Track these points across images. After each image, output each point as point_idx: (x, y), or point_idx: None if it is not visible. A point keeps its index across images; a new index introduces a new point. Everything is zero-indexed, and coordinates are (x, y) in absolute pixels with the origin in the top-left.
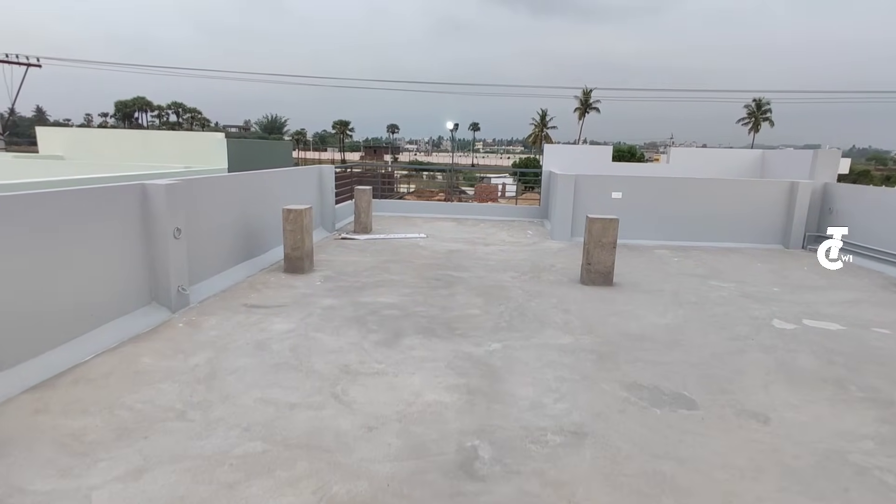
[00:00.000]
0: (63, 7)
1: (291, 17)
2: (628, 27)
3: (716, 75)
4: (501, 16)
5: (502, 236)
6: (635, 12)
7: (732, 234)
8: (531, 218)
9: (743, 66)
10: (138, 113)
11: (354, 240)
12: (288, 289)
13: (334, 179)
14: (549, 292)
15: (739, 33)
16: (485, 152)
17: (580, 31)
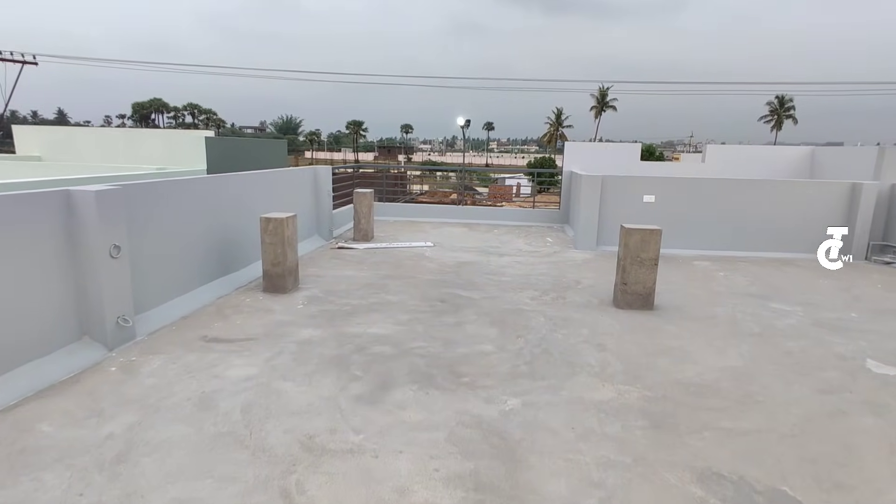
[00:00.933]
0: (82, 12)
1: (307, 19)
2: (644, 26)
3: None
4: (515, 15)
5: (518, 244)
6: (651, 10)
7: (783, 243)
8: (550, 223)
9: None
10: (155, 114)
11: (352, 249)
12: (262, 314)
13: (331, 181)
14: (578, 319)
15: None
16: (499, 152)
17: (595, 29)
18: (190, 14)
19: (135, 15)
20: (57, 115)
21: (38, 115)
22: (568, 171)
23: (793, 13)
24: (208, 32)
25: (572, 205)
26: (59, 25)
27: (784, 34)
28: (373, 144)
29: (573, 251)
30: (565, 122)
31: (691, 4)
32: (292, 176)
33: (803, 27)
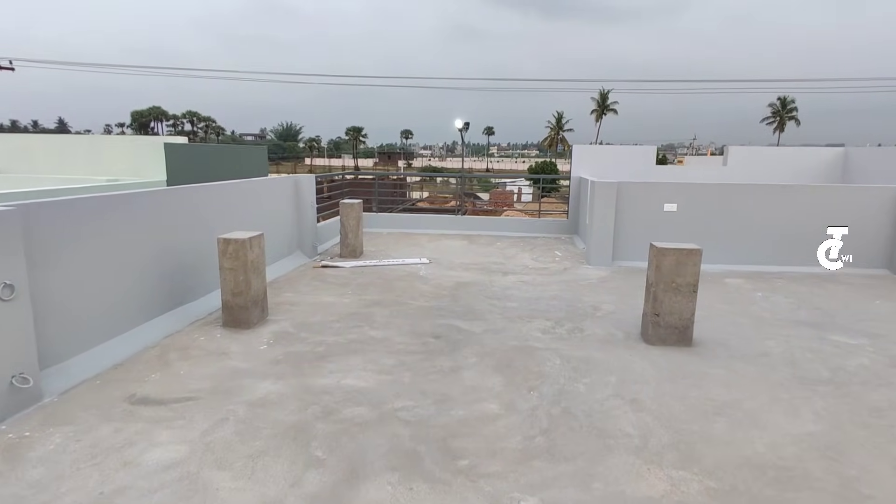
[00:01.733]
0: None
1: (305, 25)
2: (642, 29)
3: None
4: (512, 20)
5: (524, 260)
6: (649, 13)
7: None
8: (557, 234)
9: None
10: (154, 122)
11: (337, 268)
12: (214, 359)
13: (316, 191)
14: (602, 361)
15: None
16: (499, 157)
17: (593, 33)
18: (188, 20)
19: (133, 23)
20: (58, 124)
21: (39, 124)
22: (576, 177)
23: (792, 13)
24: (206, 38)
25: (582, 214)
26: (56, 32)
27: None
28: (373, 150)
29: (586, 268)
30: (566, 126)
31: (690, 7)
32: (268, 187)
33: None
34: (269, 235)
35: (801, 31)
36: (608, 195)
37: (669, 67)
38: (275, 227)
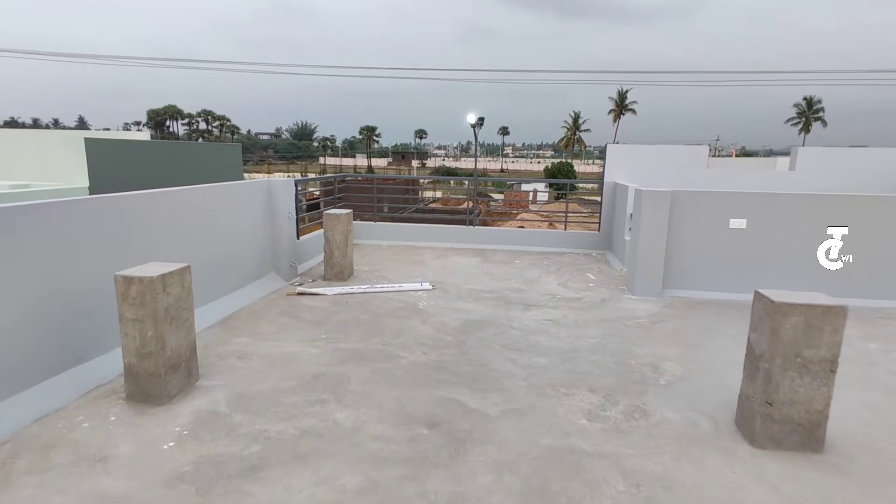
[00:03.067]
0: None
1: (321, 26)
2: (660, 30)
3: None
4: (527, 20)
5: (550, 285)
6: (667, 14)
7: None
8: (587, 249)
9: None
10: (169, 121)
11: (317, 295)
12: (84, 472)
13: (295, 199)
14: (692, 486)
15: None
16: (514, 157)
17: (610, 34)
18: (206, 23)
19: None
20: (77, 122)
21: (60, 122)
22: (610, 183)
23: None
24: (223, 42)
25: (617, 227)
26: (75, 33)
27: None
28: (387, 150)
29: (629, 298)
30: (583, 126)
31: (707, 7)
32: (230, 195)
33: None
34: (232, 256)
35: (825, 30)
36: (659, 207)
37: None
38: (239, 245)
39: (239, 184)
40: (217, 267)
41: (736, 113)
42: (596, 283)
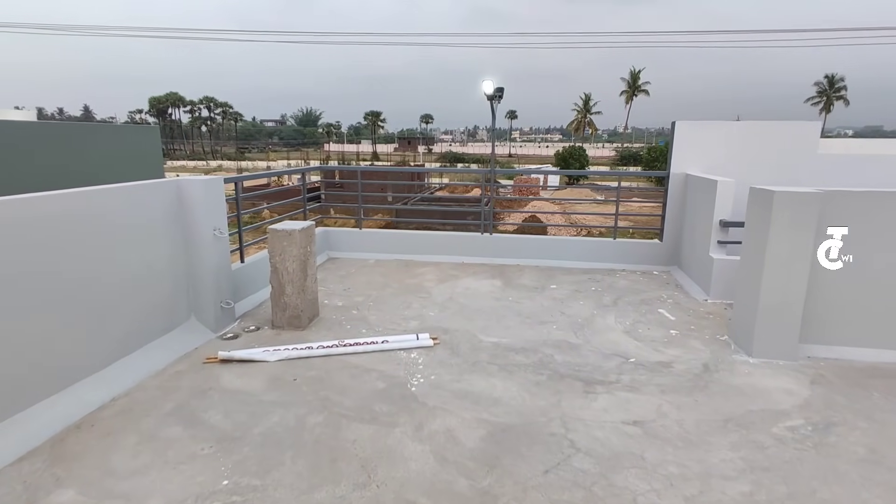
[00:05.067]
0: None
1: (326, 13)
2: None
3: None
4: (537, 2)
5: (613, 334)
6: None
7: None
8: (645, 265)
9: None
10: (171, 109)
11: (252, 363)
12: None
13: (224, 207)
14: None
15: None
16: (522, 141)
17: (621, 14)
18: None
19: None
20: (83, 112)
21: (65, 111)
22: (679, 174)
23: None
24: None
25: (689, 235)
26: (81, 20)
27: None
28: (393, 136)
29: (746, 363)
30: (594, 109)
31: None
32: (98, 208)
33: None
34: (104, 306)
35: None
36: (802, 217)
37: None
38: (118, 286)
39: (115, 189)
40: (68, 328)
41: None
42: (680, 329)
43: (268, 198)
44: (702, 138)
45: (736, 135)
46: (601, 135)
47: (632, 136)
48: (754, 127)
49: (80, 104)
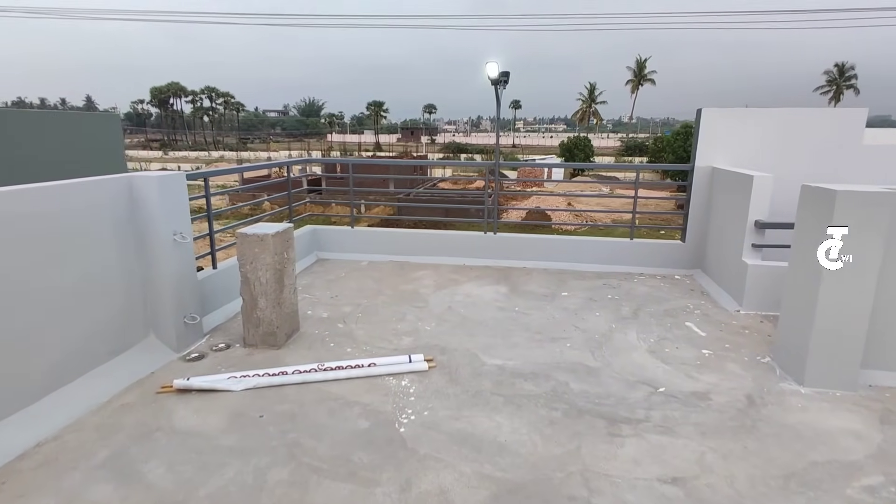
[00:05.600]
0: None
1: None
2: None
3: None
4: None
5: (637, 356)
6: None
7: None
8: (666, 268)
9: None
10: (173, 98)
11: (212, 392)
12: None
13: (188, 205)
14: None
15: None
16: (526, 131)
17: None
18: None
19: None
20: (85, 102)
21: (67, 102)
22: (705, 168)
23: None
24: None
25: (716, 236)
26: None
27: None
28: (396, 126)
29: (798, 393)
30: (599, 98)
31: None
32: (30, 208)
33: None
34: (17, 332)
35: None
36: (872, 222)
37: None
38: (52, 303)
39: (48, 188)
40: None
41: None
42: (713, 348)
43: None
44: (731, 128)
45: (770, 124)
46: (605, 125)
47: (637, 126)
48: (792, 115)
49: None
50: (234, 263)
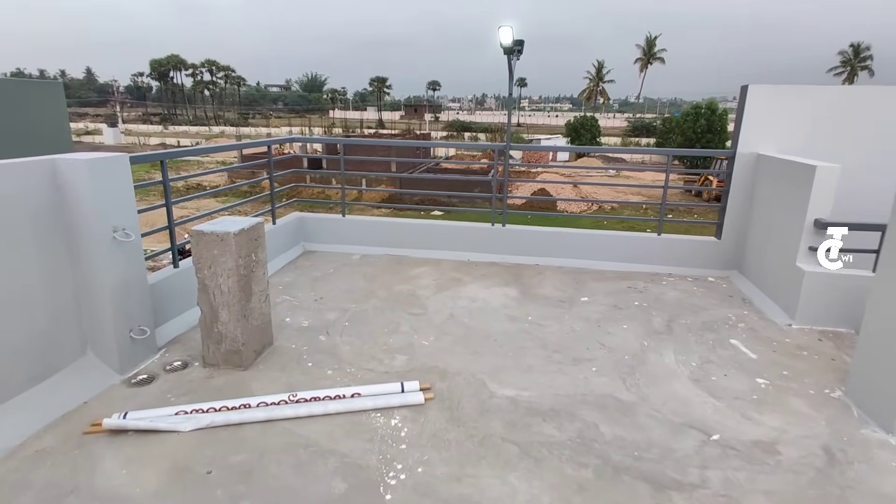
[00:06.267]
0: None
1: None
2: None
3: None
4: None
5: (677, 387)
6: None
7: None
8: (698, 267)
9: None
10: (173, 72)
11: (152, 432)
12: None
13: (133, 193)
14: None
15: None
16: (531, 110)
17: None
18: None
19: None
20: (85, 74)
21: (66, 73)
22: (750, 155)
23: None
24: None
25: (758, 233)
26: None
27: None
28: (399, 103)
29: (882, 440)
30: (606, 77)
31: None
32: None
33: None
34: None
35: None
36: None
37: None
38: None
39: None
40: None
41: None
42: (769, 376)
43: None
44: (782, 108)
45: (828, 103)
46: (612, 104)
47: (644, 106)
48: (856, 93)
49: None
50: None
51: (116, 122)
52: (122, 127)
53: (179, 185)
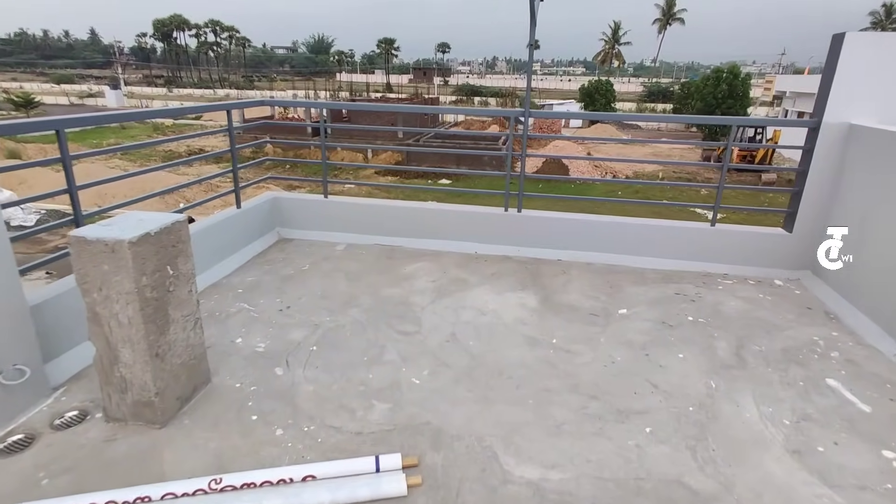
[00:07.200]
0: None
1: None
2: None
3: None
4: None
5: (764, 455)
6: None
7: None
8: (758, 266)
9: None
10: (176, 32)
11: None
12: None
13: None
14: None
15: None
16: (542, 74)
17: None
18: None
19: None
20: (90, 34)
21: (70, 34)
22: (840, 126)
23: None
24: None
25: (851, 226)
26: None
27: None
28: (408, 66)
29: None
30: (623, 39)
31: None
32: None
33: None
34: None
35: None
36: None
37: None
38: None
39: None
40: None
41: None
42: (892, 444)
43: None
44: (889, 64)
45: None
46: (626, 68)
47: (660, 69)
48: None
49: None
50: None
51: (119, 84)
52: (126, 89)
53: (182, 151)
